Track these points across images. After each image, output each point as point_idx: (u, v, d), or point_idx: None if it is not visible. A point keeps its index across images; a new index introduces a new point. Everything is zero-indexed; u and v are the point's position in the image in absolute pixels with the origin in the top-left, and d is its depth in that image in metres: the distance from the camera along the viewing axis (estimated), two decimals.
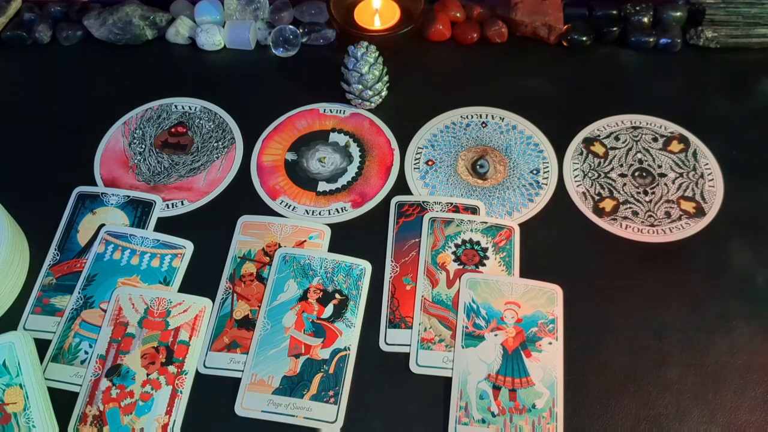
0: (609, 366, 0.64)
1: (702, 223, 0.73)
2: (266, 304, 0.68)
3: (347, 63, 0.78)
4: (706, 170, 0.76)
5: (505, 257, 0.70)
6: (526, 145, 0.79)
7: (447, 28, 0.89)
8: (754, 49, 0.86)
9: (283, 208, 0.76)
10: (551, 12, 0.87)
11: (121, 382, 0.64)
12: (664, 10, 0.87)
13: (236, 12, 0.90)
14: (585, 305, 0.67)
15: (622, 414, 0.62)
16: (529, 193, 0.75)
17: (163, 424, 0.62)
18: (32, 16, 0.91)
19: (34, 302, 0.69)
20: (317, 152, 0.80)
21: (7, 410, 0.61)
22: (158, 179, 0.78)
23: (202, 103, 0.85)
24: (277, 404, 0.62)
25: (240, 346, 0.66)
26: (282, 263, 0.70)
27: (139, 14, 0.89)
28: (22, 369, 0.63)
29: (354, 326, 0.67)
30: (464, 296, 0.68)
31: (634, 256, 0.70)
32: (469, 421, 0.61)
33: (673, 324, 0.66)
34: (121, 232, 0.73)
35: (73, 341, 0.66)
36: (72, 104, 0.85)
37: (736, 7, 0.86)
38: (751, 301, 0.67)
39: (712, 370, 0.63)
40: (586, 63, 0.86)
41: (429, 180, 0.77)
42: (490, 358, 0.64)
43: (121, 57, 0.89)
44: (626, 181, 0.76)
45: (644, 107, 0.82)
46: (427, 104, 0.83)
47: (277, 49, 0.88)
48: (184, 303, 0.68)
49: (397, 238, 0.72)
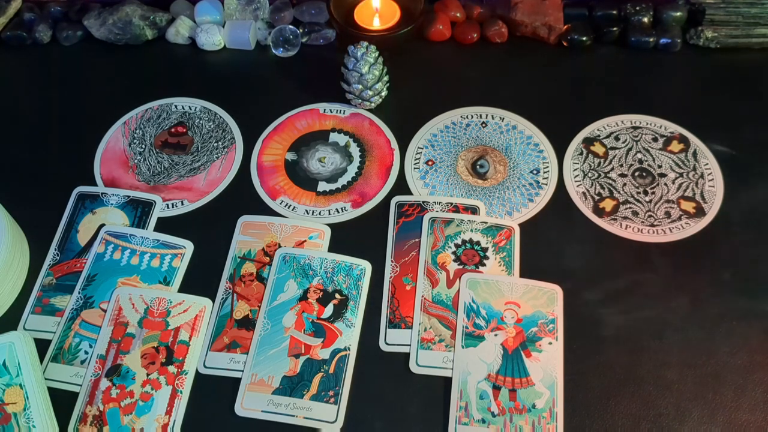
0: (609, 366, 0.64)
1: (702, 223, 0.73)
2: (266, 304, 0.68)
3: (347, 63, 0.78)
4: (706, 170, 0.76)
5: (505, 257, 0.70)
6: (526, 145, 0.79)
7: (447, 28, 0.89)
8: (754, 49, 0.86)
9: (283, 208, 0.76)
10: (551, 12, 0.87)
11: (121, 382, 0.63)
12: (664, 10, 0.87)
13: (236, 12, 0.90)
14: (585, 305, 0.67)
15: (622, 414, 0.62)
16: (529, 193, 0.75)
17: (163, 424, 0.62)
18: (32, 16, 0.91)
19: (34, 302, 0.69)
20: (317, 152, 0.80)
21: (7, 410, 0.61)
22: (158, 179, 0.78)
23: (202, 103, 0.85)
24: (277, 404, 0.62)
25: (240, 346, 0.66)
26: (282, 263, 0.70)
27: (139, 14, 0.89)
28: (22, 369, 0.63)
29: (354, 326, 0.67)
30: (464, 296, 0.68)
31: (634, 256, 0.70)
32: (469, 421, 0.61)
33: (673, 324, 0.66)
34: (121, 232, 0.73)
35: (73, 341, 0.66)
36: (72, 104, 0.85)
37: (736, 7, 0.86)
38: (751, 301, 0.67)
39: (712, 370, 0.63)
40: (586, 63, 0.86)
41: (429, 180, 0.77)
42: (490, 358, 0.64)
43: (121, 57, 0.89)
44: (626, 181, 0.76)
45: (644, 107, 0.82)
46: (427, 104, 0.83)
47: (277, 49, 0.88)
48: (184, 303, 0.68)
49: (397, 238, 0.72)
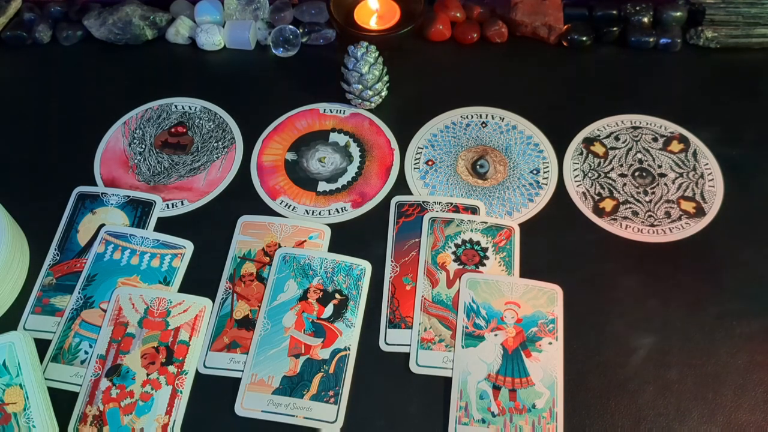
0: (609, 366, 0.64)
1: (702, 223, 0.73)
2: (266, 304, 0.68)
3: (347, 63, 0.78)
4: (706, 170, 0.76)
5: (505, 257, 0.70)
6: (526, 145, 0.79)
7: (447, 28, 0.89)
8: (754, 49, 0.86)
9: (283, 208, 0.76)
10: (551, 12, 0.87)
11: (121, 382, 0.63)
12: (664, 10, 0.87)
13: (236, 12, 0.90)
14: (585, 305, 0.67)
15: (622, 414, 0.62)
16: (529, 193, 0.75)
17: (163, 424, 0.62)
18: (32, 16, 0.91)
19: (34, 302, 0.69)
20: (317, 152, 0.80)
21: (7, 410, 0.61)
22: (158, 179, 0.78)
23: (202, 103, 0.85)
24: (277, 404, 0.62)
25: (240, 346, 0.66)
26: (282, 263, 0.70)
27: (139, 14, 0.89)
28: (22, 369, 0.63)
29: (354, 326, 0.67)
30: (464, 296, 0.68)
31: (634, 256, 0.70)
32: (469, 421, 0.61)
33: (673, 324, 0.66)
34: (121, 232, 0.73)
35: (73, 341, 0.66)
36: (72, 104, 0.85)
37: (736, 7, 0.86)
38: (751, 301, 0.67)
39: (712, 370, 0.63)
40: (586, 63, 0.86)
41: (429, 180, 0.77)
42: (490, 358, 0.64)
43: (121, 57, 0.89)
44: (626, 181, 0.76)
45: (644, 107, 0.82)
46: (427, 104, 0.83)
47: (277, 49, 0.88)
48: (184, 303, 0.68)
49: (397, 238, 0.72)
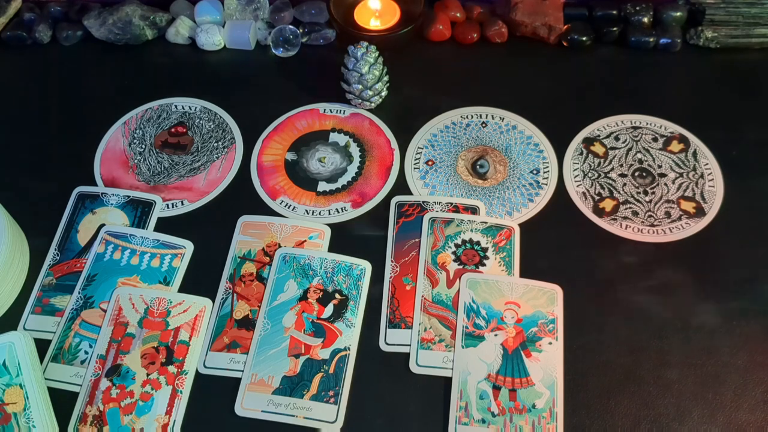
0: (609, 366, 0.64)
1: (702, 223, 0.73)
2: (266, 304, 0.68)
3: (347, 63, 0.78)
4: (706, 170, 0.76)
5: (505, 257, 0.70)
6: (526, 145, 0.79)
7: (447, 28, 0.89)
8: (754, 49, 0.86)
9: (283, 208, 0.76)
10: (551, 12, 0.87)
11: (121, 382, 0.64)
12: (664, 10, 0.87)
13: (236, 12, 0.90)
14: (585, 305, 0.67)
15: (622, 414, 0.62)
16: (529, 193, 0.75)
17: (163, 424, 0.62)
18: (32, 16, 0.91)
19: (34, 302, 0.69)
20: (317, 152, 0.80)
21: (7, 410, 0.61)
22: (158, 179, 0.78)
23: (202, 103, 0.85)
24: (277, 404, 0.62)
25: (240, 346, 0.66)
26: (282, 263, 0.70)
27: (139, 14, 0.89)
28: (22, 369, 0.63)
29: (354, 326, 0.67)
30: (464, 296, 0.68)
31: (634, 256, 0.70)
32: (469, 421, 0.61)
33: (673, 324, 0.66)
34: (121, 232, 0.73)
35: (73, 341, 0.66)
36: (72, 104, 0.85)
37: (736, 7, 0.86)
38: (751, 301, 0.67)
39: (712, 370, 0.63)
40: (586, 63, 0.86)
41: (429, 180, 0.77)
42: (490, 358, 0.64)
43: (121, 57, 0.89)
44: (626, 181, 0.76)
45: (644, 107, 0.82)
46: (427, 104, 0.83)
47: (277, 49, 0.88)
48: (184, 303, 0.68)
49: (397, 238, 0.72)
